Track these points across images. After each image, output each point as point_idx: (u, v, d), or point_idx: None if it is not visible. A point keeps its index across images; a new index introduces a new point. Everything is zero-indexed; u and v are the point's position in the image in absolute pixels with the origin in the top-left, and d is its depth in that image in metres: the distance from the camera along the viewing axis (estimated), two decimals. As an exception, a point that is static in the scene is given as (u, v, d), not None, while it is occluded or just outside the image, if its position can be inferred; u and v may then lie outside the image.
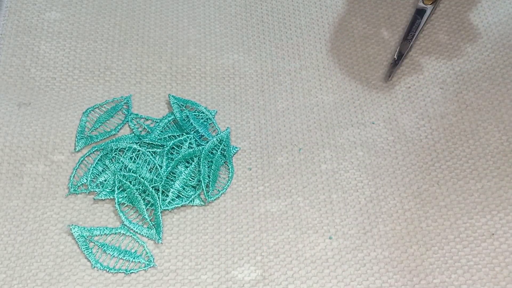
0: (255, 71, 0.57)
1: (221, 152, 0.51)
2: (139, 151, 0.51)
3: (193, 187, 0.50)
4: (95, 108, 0.54)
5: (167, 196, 0.49)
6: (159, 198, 0.49)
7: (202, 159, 0.50)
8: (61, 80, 0.55)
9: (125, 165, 0.50)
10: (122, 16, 0.60)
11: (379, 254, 0.47)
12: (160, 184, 0.49)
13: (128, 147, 0.51)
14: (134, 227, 0.48)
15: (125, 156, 0.51)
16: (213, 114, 0.54)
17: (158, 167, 0.50)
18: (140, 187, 0.49)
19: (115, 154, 0.51)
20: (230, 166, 0.51)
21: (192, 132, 0.52)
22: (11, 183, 0.50)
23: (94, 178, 0.50)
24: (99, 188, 0.50)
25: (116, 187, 0.49)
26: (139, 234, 0.48)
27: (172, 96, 0.54)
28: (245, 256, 0.47)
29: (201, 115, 0.54)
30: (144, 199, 0.49)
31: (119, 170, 0.50)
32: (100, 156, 0.51)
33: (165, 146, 0.51)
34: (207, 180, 0.50)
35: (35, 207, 0.49)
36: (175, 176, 0.50)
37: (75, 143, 0.52)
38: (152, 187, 0.49)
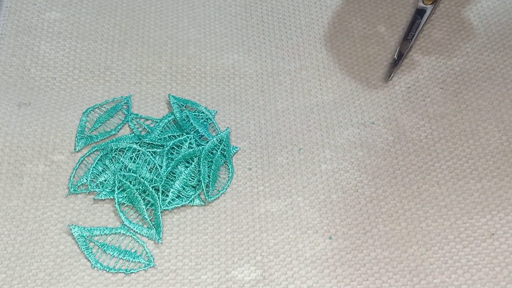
0: (255, 71, 0.57)
1: (221, 152, 0.51)
2: (139, 151, 0.51)
3: (193, 187, 0.50)
4: (95, 108, 0.54)
5: (167, 196, 0.49)
6: (159, 198, 0.49)
7: (202, 159, 0.50)
8: (61, 80, 0.55)
9: (125, 165, 0.50)
10: (122, 16, 0.60)
11: (379, 254, 0.47)
12: (160, 184, 0.49)
13: (128, 147, 0.51)
14: (134, 227, 0.48)
15: (125, 156, 0.51)
16: (213, 114, 0.54)
17: (158, 167, 0.50)
18: (140, 187, 0.49)
19: (115, 154, 0.51)
20: (230, 166, 0.51)
21: (192, 132, 0.52)
22: (11, 183, 0.50)
23: (94, 178, 0.50)
24: (99, 188, 0.50)
25: (116, 187, 0.49)
26: (139, 234, 0.48)
27: (172, 96, 0.54)
28: (245, 256, 0.47)
29: (201, 115, 0.54)
30: (144, 199, 0.49)
31: (119, 170, 0.50)
32: (100, 156, 0.51)
33: (165, 146, 0.51)
34: (207, 180, 0.50)
35: (35, 207, 0.49)
36: (175, 176, 0.50)
37: (75, 143, 0.52)
38: (152, 187, 0.49)
